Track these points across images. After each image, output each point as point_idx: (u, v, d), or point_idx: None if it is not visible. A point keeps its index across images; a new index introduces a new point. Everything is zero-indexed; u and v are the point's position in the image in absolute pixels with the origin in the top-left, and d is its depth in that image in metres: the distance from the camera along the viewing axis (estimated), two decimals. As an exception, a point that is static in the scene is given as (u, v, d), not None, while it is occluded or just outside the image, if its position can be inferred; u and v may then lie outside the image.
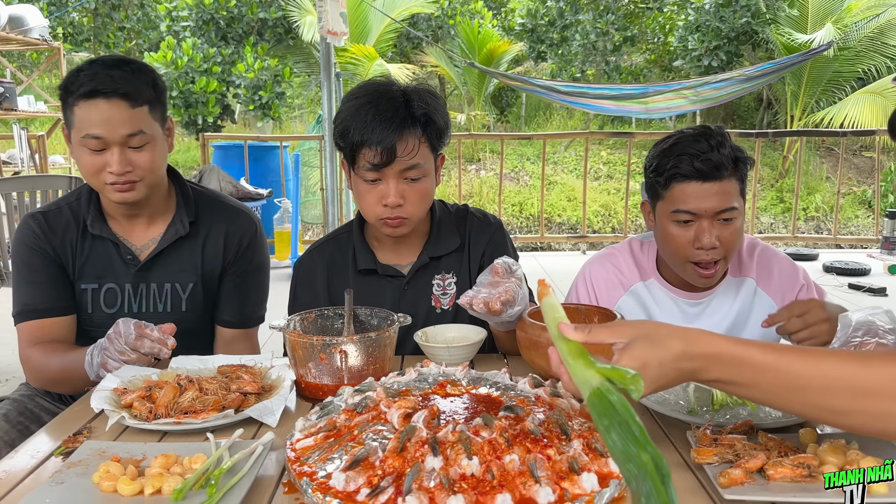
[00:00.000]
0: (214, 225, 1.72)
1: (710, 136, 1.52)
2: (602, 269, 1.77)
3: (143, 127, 1.52)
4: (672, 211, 1.55)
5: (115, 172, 1.51)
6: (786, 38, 9.78)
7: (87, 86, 1.48)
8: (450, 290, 1.64)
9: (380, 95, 1.48)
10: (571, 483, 0.89)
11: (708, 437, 1.02)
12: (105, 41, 11.99)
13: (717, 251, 1.53)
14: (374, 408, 1.07)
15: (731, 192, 1.52)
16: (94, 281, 1.66)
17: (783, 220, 9.88)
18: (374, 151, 1.45)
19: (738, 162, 1.53)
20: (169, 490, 0.92)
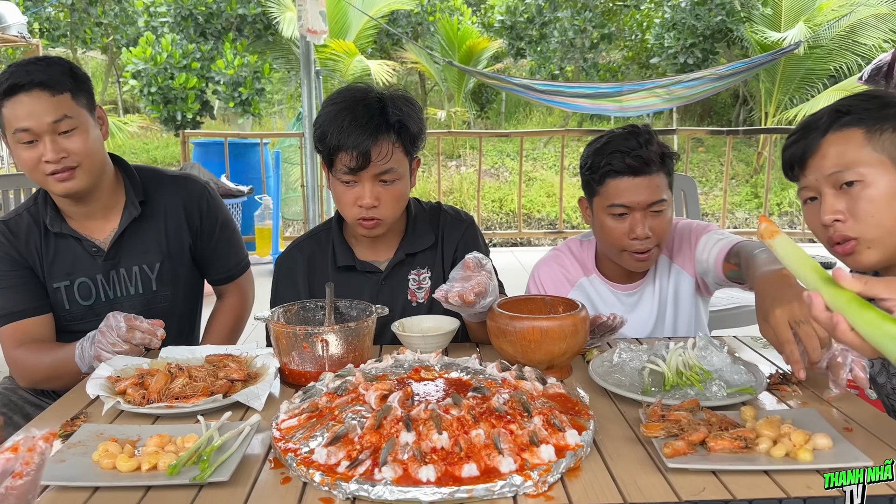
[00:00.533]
0: (168, 199, 1.80)
1: (638, 134, 1.65)
2: (549, 269, 1.90)
3: (67, 112, 1.59)
4: (608, 205, 1.68)
5: (51, 160, 1.57)
6: (760, 35, 9.98)
7: (6, 84, 1.55)
8: (424, 285, 1.73)
9: (357, 102, 1.56)
10: (531, 454, 0.99)
11: (657, 413, 1.12)
12: (82, 36, 11.91)
13: (651, 240, 1.66)
14: (354, 390, 1.16)
15: (661, 185, 1.66)
16: (66, 278, 1.72)
17: (757, 215, 10.08)
18: (349, 156, 1.53)
19: (664, 158, 1.67)
20: (164, 466, 1.01)
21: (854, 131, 1.26)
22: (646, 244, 1.67)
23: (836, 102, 1.32)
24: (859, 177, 1.24)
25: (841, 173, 1.25)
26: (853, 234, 1.26)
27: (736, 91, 11.74)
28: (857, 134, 1.26)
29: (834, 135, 1.27)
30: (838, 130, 1.27)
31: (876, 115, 1.26)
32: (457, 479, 0.94)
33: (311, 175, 5.16)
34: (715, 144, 10.99)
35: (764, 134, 8.80)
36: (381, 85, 10.97)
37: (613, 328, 1.52)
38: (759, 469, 1.01)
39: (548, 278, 1.88)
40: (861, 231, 1.25)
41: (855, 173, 1.24)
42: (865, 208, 1.24)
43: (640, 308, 1.84)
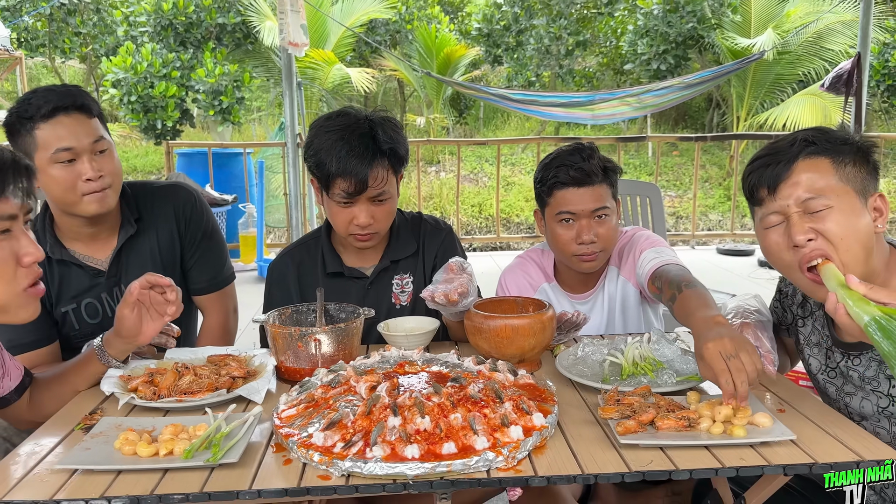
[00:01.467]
0: (159, 211, 1.88)
1: (581, 150, 1.84)
2: (514, 276, 2.07)
3: (102, 134, 1.71)
4: (556, 213, 1.86)
5: (92, 178, 1.66)
6: (730, 42, 10.25)
7: (47, 106, 1.64)
8: (407, 289, 1.88)
9: (351, 131, 1.69)
10: (502, 434, 1.14)
11: (613, 397, 1.28)
12: (61, 46, 11.90)
13: (597, 244, 1.83)
14: (345, 383, 1.30)
15: (603, 194, 1.84)
16: (72, 301, 1.81)
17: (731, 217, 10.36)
18: (348, 182, 1.67)
19: (607, 171, 1.85)
20: (180, 451, 1.14)
21: (822, 160, 1.32)
22: (591, 248, 1.84)
23: (801, 133, 1.38)
24: (829, 203, 1.30)
25: (813, 199, 1.30)
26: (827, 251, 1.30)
27: (709, 95, 12.02)
28: (825, 163, 1.32)
29: (805, 161, 1.33)
30: (808, 158, 1.33)
31: (840, 148, 1.33)
32: (438, 455, 1.09)
33: (293, 183, 5.28)
34: (689, 148, 11.24)
35: (732, 140, 9.05)
36: (362, 92, 11.10)
37: (577, 325, 1.69)
38: (699, 444, 1.16)
39: (513, 284, 2.05)
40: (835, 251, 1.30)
41: (825, 200, 1.30)
42: (835, 231, 1.29)
43: (593, 315, 1.99)
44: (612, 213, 1.86)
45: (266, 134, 12.17)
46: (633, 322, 1.98)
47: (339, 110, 1.78)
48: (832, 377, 1.47)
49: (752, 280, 5.81)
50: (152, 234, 1.87)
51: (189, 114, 10.13)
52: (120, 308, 1.44)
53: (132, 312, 1.44)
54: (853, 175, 1.33)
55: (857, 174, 1.33)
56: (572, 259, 1.88)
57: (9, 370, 1.43)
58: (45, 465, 1.16)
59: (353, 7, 10.76)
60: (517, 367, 1.42)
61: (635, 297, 1.97)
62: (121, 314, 1.44)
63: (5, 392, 1.43)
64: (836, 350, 1.46)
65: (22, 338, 1.72)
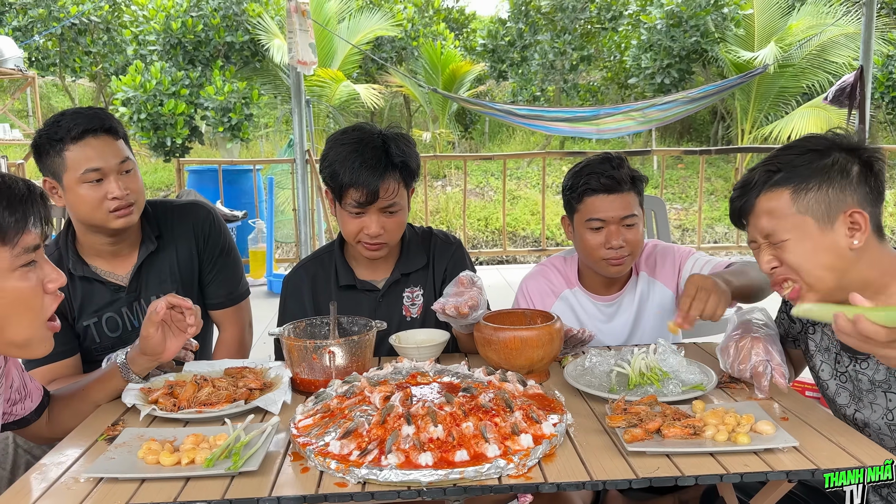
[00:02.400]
0: (178, 229, 1.94)
1: (611, 159, 1.90)
2: (535, 282, 2.10)
3: (128, 155, 1.79)
4: (586, 220, 1.91)
5: (118, 196, 1.73)
6: (733, 55, 10.31)
7: (76, 129, 1.71)
8: (418, 301, 1.92)
9: (364, 144, 1.76)
10: (513, 442, 1.18)
11: (620, 406, 1.31)
12: (71, 65, 12.07)
13: (625, 249, 1.88)
14: (360, 393, 1.34)
15: (631, 202, 1.90)
16: (93, 316, 1.86)
17: (736, 230, 10.38)
18: (360, 192, 1.73)
19: (635, 180, 1.91)
20: (201, 460, 1.19)
21: (782, 192, 1.37)
22: (620, 252, 1.88)
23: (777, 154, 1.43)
24: (785, 237, 1.37)
25: (770, 235, 1.39)
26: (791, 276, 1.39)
27: (714, 108, 12.07)
28: (784, 195, 1.37)
29: (765, 195, 1.39)
30: (769, 191, 1.39)
31: (803, 173, 1.37)
32: (451, 463, 1.13)
33: (302, 199, 5.34)
34: (694, 161, 11.28)
35: (737, 153, 9.09)
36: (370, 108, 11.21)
37: (583, 341, 1.73)
38: (704, 451, 1.20)
39: (535, 290, 2.08)
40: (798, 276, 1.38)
41: (782, 234, 1.37)
42: (793, 261, 1.37)
43: (618, 317, 2.05)
44: (639, 220, 1.92)
45: (274, 150, 12.28)
46: (660, 324, 2.02)
47: (354, 125, 1.85)
48: (843, 381, 1.51)
49: (758, 292, 5.82)
50: (172, 251, 1.92)
51: (198, 131, 10.25)
52: (145, 327, 1.49)
53: (157, 332, 1.48)
54: (815, 200, 1.36)
55: (822, 197, 1.35)
56: (600, 263, 1.93)
57: (30, 392, 1.47)
58: (70, 474, 1.20)
59: (359, 25, 10.89)
60: (526, 378, 1.46)
61: (668, 300, 2.02)
62: (146, 333, 1.49)
63: (26, 413, 1.47)
64: (843, 354, 1.50)
65: None
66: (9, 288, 1.15)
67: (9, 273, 1.14)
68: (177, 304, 1.49)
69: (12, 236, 1.13)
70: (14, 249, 1.14)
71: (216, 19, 10.22)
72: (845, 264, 1.36)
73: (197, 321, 1.51)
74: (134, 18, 11.10)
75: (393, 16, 11.51)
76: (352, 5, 11.54)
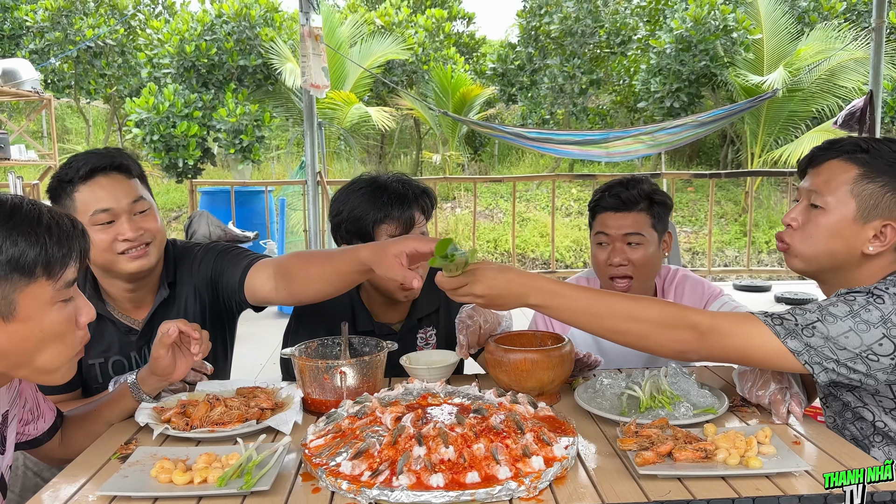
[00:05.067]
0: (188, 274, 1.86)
1: (629, 181, 1.96)
2: None
3: (142, 194, 1.72)
4: (594, 234, 1.98)
5: (130, 238, 1.66)
6: (742, 79, 10.37)
7: (84, 168, 1.64)
8: (431, 341, 1.96)
9: (381, 182, 1.82)
10: (524, 464, 1.18)
11: (631, 430, 1.31)
12: (86, 87, 12.26)
13: (627, 268, 1.91)
14: (371, 414, 1.35)
15: (640, 222, 1.93)
16: (101, 356, 1.81)
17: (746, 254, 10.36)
18: (394, 226, 1.78)
19: (653, 203, 1.93)
20: (213, 479, 1.19)
21: (852, 168, 1.41)
22: (622, 270, 1.92)
23: (877, 139, 1.46)
24: (824, 204, 1.42)
25: (815, 194, 1.44)
26: (789, 241, 1.50)
27: (724, 132, 12.11)
28: (852, 171, 1.41)
29: (839, 161, 1.43)
30: (844, 160, 1.42)
31: (881, 166, 1.39)
32: (462, 484, 1.13)
33: (313, 220, 5.38)
34: (703, 185, 11.29)
35: (746, 176, 9.09)
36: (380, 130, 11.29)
37: (589, 365, 1.72)
38: (716, 475, 1.19)
39: None
40: (796, 243, 1.48)
41: (823, 200, 1.42)
42: (810, 229, 1.45)
43: None
44: (647, 241, 1.93)
45: (285, 172, 12.37)
46: None
47: (354, 179, 1.88)
48: None
49: (769, 316, 5.79)
50: (183, 298, 1.86)
51: (210, 152, 10.36)
52: (156, 348, 1.50)
53: (168, 353, 1.49)
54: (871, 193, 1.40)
55: (878, 195, 1.41)
56: (606, 280, 1.97)
57: (43, 412, 1.48)
58: (84, 491, 1.21)
59: (370, 49, 11.03)
60: (536, 400, 1.46)
61: None
62: (156, 354, 1.50)
63: (39, 433, 1.48)
64: None
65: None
66: (47, 321, 1.16)
67: (49, 306, 1.16)
68: (186, 331, 1.49)
69: (57, 271, 1.15)
70: (57, 283, 1.15)
71: (230, 43, 10.38)
72: (845, 260, 1.43)
73: (203, 349, 1.51)
74: (148, 42, 11.29)
75: (404, 40, 11.66)
76: (364, 30, 11.72)
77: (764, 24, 10.76)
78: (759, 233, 10.49)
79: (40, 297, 1.14)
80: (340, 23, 11.44)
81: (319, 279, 1.57)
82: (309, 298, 1.63)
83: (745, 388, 1.50)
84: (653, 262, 1.97)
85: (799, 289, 6.65)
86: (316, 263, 1.59)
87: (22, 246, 1.10)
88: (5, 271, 1.10)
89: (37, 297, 1.13)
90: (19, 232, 1.11)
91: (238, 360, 2.16)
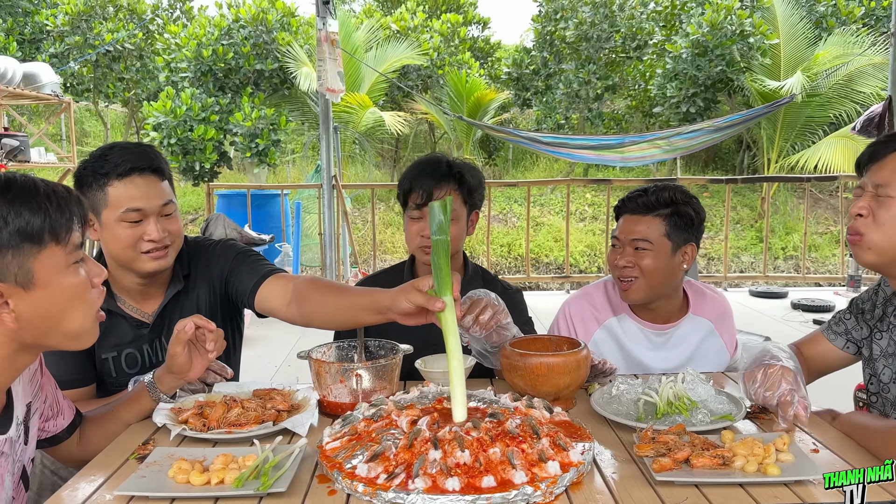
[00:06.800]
0: (204, 268, 1.89)
1: (656, 187, 1.95)
2: (578, 306, 2.09)
3: (171, 198, 1.76)
4: (611, 237, 2.02)
5: (155, 239, 1.70)
6: (759, 84, 10.30)
7: (124, 165, 1.66)
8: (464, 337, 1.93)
9: (428, 160, 2.06)
10: (540, 469, 1.17)
11: (648, 436, 1.30)
12: (105, 91, 12.39)
13: (633, 270, 1.92)
14: (387, 417, 1.35)
15: (652, 227, 1.91)
16: (113, 350, 1.83)
17: (763, 260, 10.28)
18: (418, 194, 1.97)
19: (675, 211, 1.90)
20: (230, 480, 1.20)
21: None
22: (626, 273, 1.93)
23: None
24: (893, 195, 1.46)
25: (884, 187, 1.47)
26: (863, 230, 1.50)
27: (740, 138, 12.03)
28: None
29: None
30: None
31: None
32: (477, 489, 1.13)
33: (328, 224, 5.40)
34: (719, 190, 11.23)
35: (763, 182, 9.03)
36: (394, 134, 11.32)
37: (604, 373, 1.71)
38: (734, 482, 1.18)
39: (577, 314, 2.07)
40: (870, 233, 1.49)
41: (891, 192, 1.46)
42: (884, 218, 1.47)
43: (666, 349, 2.03)
44: (655, 249, 1.91)
45: (300, 175, 12.44)
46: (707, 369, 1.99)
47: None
48: None
49: (785, 322, 5.75)
50: (196, 292, 1.88)
51: (226, 156, 10.43)
52: (172, 346, 1.51)
53: (184, 350, 1.51)
54: None
55: None
56: (617, 281, 2.00)
57: (62, 409, 1.50)
58: (103, 491, 1.22)
59: (386, 54, 11.07)
60: (552, 405, 1.45)
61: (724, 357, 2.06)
62: (173, 351, 1.51)
63: (58, 430, 1.49)
64: None
65: (64, 375, 1.71)
66: (66, 284, 1.19)
67: (65, 270, 1.19)
68: (201, 325, 1.50)
69: (63, 235, 1.18)
70: (66, 247, 1.19)
71: (246, 47, 10.45)
72: None
73: (218, 347, 1.52)
74: (166, 46, 11.39)
75: (419, 45, 11.70)
76: (379, 35, 11.76)
77: (781, 28, 10.69)
78: (775, 238, 10.42)
79: (54, 262, 1.17)
80: (356, 28, 11.50)
81: (333, 307, 1.61)
82: (317, 323, 1.65)
83: (751, 388, 1.47)
84: (663, 270, 1.92)
85: (815, 295, 6.59)
86: (333, 293, 1.64)
87: (26, 216, 1.14)
88: (15, 242, 1.13)
89: (51, 263, 1.17)
90: (20, 202, 1.14)
91: (252, 363, 2.17)
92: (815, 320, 5.60)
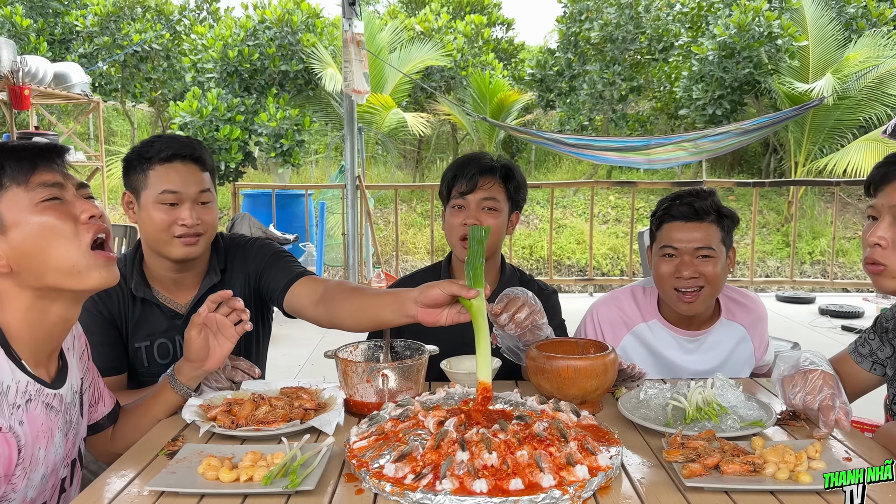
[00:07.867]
0: (241, 264, 1.93)
1: (699, 192, 1.89)
2: (607, 311, 2.05)
3: (209, 187, 1.81)
4: (660, 247, 1.89)
5: (188, 224, 1.74)
6: (787, 87, 10.16)
7: (166, 151, 1.75)
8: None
9: (474, 154, 2.06)
10: (568, 473, 1.17)
11: (677, 441, 1.29)
12: (132, 91, 12.56)
13: (698, 280, 1.84)
14: (414, 417, 1.35)
15: (711, 235, 1.85)
16: (146, 339, 1.86)
17: (789, 264, 10.15)
18: (461, 183, 1.98)
19: (721, 216, 1.86)
20: (259, 477, 1.21)
21: None
22: (691, 283, 1.84)
23: None
24: None
25: None
26: (883, 261, 1.42)
27: (766, 140, 11.88)
28: None
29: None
30: None
31: None
32: (505, 491, 1.12)
33: (351, 224, 5.42)
34: (745, 193, 11.10)
35: (790, 186, 8.91)
36: (417, 135, 11.34)
37: (632, 377, 1.69)
38: (764, 489, 1.17)
39: (605, 318, 2.04)
40: (892, 262, 1.41)
41: None
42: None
43: (697, 354, 1.99)
44: (717, 256, 1.85)
45: (324, 175, 12.50)
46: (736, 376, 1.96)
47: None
48: None
49: (812, 328, 5.67)
50: (231, 285, 1.90)
51: (251, 156, 10.52)
52: (187, 330, 1.52)
53: (199, 335, 1.50)
54: None
55: None
56: (671, 295, 1.89)
57: (103, 395, 1.53)
58: (134, 486, 1.23)
59: (410, 55, 11.09)
60: (579, 409, 1.45)
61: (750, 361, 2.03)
62: (188, 336, 1.51)
63: (100, 417, 1.52)
64: None
65: (96, 363, 1.71)
66: (35, 221, 1.24)
67: (31, 208, 1.24)
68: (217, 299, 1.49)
69: (23, 178, 1.24)
70: (28, 187, 1.24)
71: (272, 48, 10.54)
72: None
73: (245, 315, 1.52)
74: (193, 47, 11.52)
75: (443, 46, 11.71)
76: (403, 36, 11.80)
77: (810, 30, 10.54)
78: (801, 243, 10.28)
79: (18, 202, 1.24)
80: (381, 29, 11.54)
81: (357, 305, 1.63)
82: (341, 322, 1.66)
83: (791, 393, 1.44)
84: (722, 277, 1.89)
85: (844, 301, 6.49)
86: (361, 293, 1.66)
87: None
88: None
89: (15, 203, 1.24)
90: None
91: (277, 361, 2.19)
92: (843, 326, 5.51)
